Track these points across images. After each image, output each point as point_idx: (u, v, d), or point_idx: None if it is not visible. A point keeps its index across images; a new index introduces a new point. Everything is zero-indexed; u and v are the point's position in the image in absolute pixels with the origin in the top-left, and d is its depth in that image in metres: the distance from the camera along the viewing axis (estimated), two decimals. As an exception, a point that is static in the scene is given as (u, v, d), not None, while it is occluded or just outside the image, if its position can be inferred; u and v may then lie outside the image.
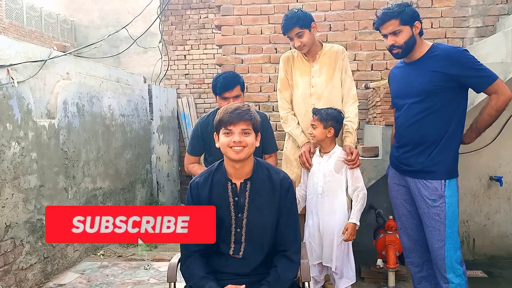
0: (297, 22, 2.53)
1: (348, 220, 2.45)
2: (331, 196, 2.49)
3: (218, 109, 2.63)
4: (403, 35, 2.17)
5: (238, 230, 1.84)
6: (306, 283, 1.82)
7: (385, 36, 2.23)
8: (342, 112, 2.56)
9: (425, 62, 2.19)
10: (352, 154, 2.49)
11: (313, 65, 2.70)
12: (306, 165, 2.58)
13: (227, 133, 1.78)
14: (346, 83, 2.71)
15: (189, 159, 2.67)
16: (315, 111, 2.53)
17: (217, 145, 1.84)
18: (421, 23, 2.22)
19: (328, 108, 2.53)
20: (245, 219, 1.84)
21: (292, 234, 1.86)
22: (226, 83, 2.50)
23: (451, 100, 2.15)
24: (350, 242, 2.52)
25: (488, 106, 2.15)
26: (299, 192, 2.67)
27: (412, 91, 2.21)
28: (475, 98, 2.62)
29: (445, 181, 2.17)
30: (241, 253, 1.84)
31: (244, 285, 1.71)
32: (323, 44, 2.75)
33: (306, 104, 2.69)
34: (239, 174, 1.85)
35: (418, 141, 2.22)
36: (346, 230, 2.41)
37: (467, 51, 2.18)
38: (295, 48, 2.67)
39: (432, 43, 2.25)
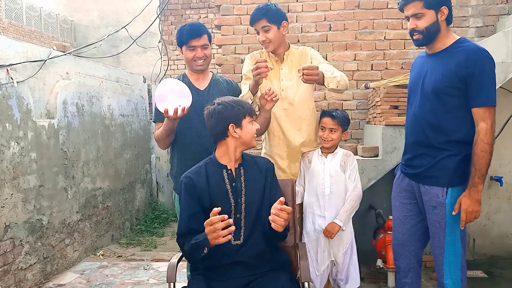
0: (265, 15, 2.37)
1: (334, 219, 2.39)
2: (339, 197, 2.44)
3: (180, 75, 2.51)
4: (425, 19, 1.98)
5: (238, 215, 1.88)
6: (306, 283, 1.82)
7: (408, 18, 2.05)
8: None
9: (444, 57, 2.01)
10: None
11: (282, 66, 2.50)
12: (263, 68, 2.17)
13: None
14: (323, 66, 2.38)
15: (157, 127, 2.43)
16: (333, 115, 2.43)
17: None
18: (449, 9, 1.99)
19: (341, 111, 2.48)
20: (244, 204, 1.89)
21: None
22: (193, 30, 2.35)
23: (464, 104, 1.98)
24: (354, 246, 2.50)
25: (478, 141, 1.93)
26: (297, 188, 2.65)
27: (423, 87, 2.07)
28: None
29: (446, 189, 2.04)
30: (241, 238, 1.87)
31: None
32: (291, 45, 2.54)
33: (278, 107, 2.41)
34: (230, 158, 1.92)
35: (423, 141, 2.10)
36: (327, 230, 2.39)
37: (492, 60, 1.96)
38: (260, 42, 2.48)
39: (459, 37, 2.06)
